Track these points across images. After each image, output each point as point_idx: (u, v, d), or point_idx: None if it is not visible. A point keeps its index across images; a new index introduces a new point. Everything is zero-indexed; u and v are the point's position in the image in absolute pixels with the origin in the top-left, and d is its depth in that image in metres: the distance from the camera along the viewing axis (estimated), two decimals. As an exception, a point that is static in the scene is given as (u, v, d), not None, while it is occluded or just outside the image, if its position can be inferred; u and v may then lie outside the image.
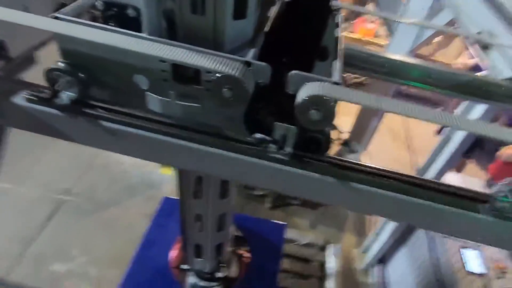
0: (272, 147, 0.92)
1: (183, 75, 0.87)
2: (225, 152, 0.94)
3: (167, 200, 2.53)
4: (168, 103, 0.91)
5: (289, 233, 4.11)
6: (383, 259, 3.94)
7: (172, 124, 0.95)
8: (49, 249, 3.63)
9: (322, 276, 3.85)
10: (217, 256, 2.01)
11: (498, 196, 0.77)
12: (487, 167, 4.65)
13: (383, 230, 3.75)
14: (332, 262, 3.90)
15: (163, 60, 0.82)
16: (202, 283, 2.13)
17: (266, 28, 1.00)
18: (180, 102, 0.90)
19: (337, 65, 0.88)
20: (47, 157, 4.53)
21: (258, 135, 0.92)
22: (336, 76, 0.84)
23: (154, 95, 0.91)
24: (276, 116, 0.91)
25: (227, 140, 0.95)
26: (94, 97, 0.95)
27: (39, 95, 0.91)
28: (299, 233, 4.18)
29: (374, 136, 5.39)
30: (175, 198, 1.99)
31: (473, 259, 2.79)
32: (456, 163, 3.28)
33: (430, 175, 2.98)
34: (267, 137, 0.91)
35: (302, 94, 0.78)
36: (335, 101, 0.78)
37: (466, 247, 2.87)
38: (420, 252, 3.19)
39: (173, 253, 2.22)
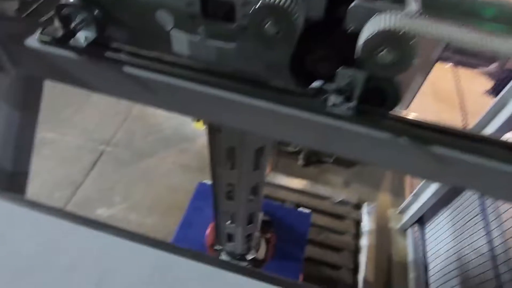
0: (332, 99, 0.73)
1: (214, 9, 0.72)
2: (271, 105, 0.76)
3: (202, 185, 2.69)
4: (196, 44, 0.76)
5: (323, 191, 4.06)
6: (421, 220, 3.82)
7: (205, 70, 0.78)
8: (94, 194, 3.82)
9: (356, 234, 3.82)
10: (247, 242, 2.18)
11: None
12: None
13: (424, 190, 3.59)
14: (367, 220, 3.84)
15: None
16: (233, 262, 2.35)
17: None
18: (211, 43, 0.75)
19: None
20: (88, 107, 4.65)
21: (317, 83, 0.73)
22: (413, 4, 0.63)
23: (180, 33, 0.75)
24: (330, 61, 0.72)
25: (272, 90, 0.77)
26: (114, 39, 0.82)
27: (54, 35, 0.80)
28: (333, 190, 4.11)
29: (416, 96, 5.05)
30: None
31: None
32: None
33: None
34: (329, 86, 0.71)
35: (369, 29, 0.60)
36: (415, 36, 0.59)
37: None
38: (467, 215, 3.03)
39: (208, 234, 2.45)
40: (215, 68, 0.78)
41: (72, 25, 0.76)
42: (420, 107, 5.05)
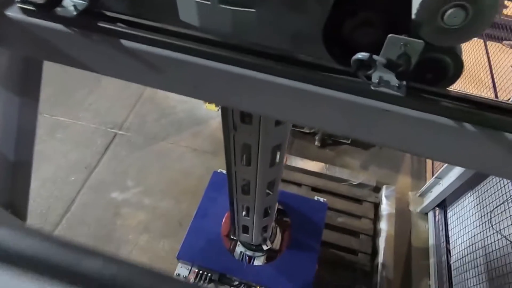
0: (379, 76, 0.57)
1: None
2: (300, 84, 0.61)
3: (217, 175, 2.62)
4: (207, 11, 0.61)
5: (341, 173, 3.93)
6: (443, 204, 3.66)
7: (218, 43, 0.63)
8: (108, 178, 3.81)
9: (375, 217, 3.70)
10: (262, 234, 2.15)
11: None
12: None
13: (448, 172, 3.41)
14: (385, 204, 3.71)
15: None
16: (249, 253, 2.33)
17: None
18: (225, 9, 0.60)
19: None
20: (100, 89, 4.58)
21: (359, 56, 0.54)
22: None
23: None
24: (376, 26, 0.56)
25: (300, 67, 0.61)
26: (109, 7, 0.67)
27: (37, 1, 0.63)
28: (350, 173, 3.97)
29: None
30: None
31: None
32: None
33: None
34: (375, 59, 0.53)
35: None
36: None
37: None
38: (497, 200, 2.85)
39: (224, 223, 2.43)
40: (231, 41, 0.63)
41: None
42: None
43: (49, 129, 4.10)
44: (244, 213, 1.96)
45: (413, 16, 0.48)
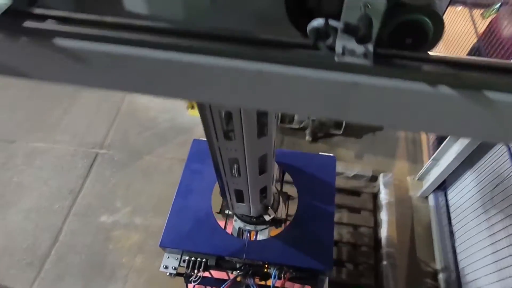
0: (341, 44, 0.51)
1: None
2: (260, 65, 0.53)
3: (197, 143, 2.22)
4: None
5: (335, 166, 3.81)
6: (443, 185, 3.57)
7: (171, 31, 0.55)
8: (94, 201, 3.63)
9: (375, 208, 3.60)
10: (261, 200, 1.72)
11: None
12: None
13: (445, 153, 3.31)
14: (384, 193, 3.60)
15: None
16: (249, 227, 1.91)
17: None
18: None
19: None
20: (75, 107, 4.38)
21: (315, 22, 0.49)
22: None
23: None
24: None
25: (260, 46, 0.54)
26: (42, 5, 0.57)
27: None
28: (345, 165, 3.86)
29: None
30: (205, 141, 1.61)
31: None
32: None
33: None
34: (334, 24, 0.48)
35: None
36: None
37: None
38: (497, 178, 2.76)
39: (214, 197, 1.98)
40: (182, 27, 0.55)
41: None
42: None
43: (26, 157, 3.89)
44: (234, 173, 1.48)
45: None
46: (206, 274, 1.86)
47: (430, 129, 0.65)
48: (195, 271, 1.79)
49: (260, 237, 1.89)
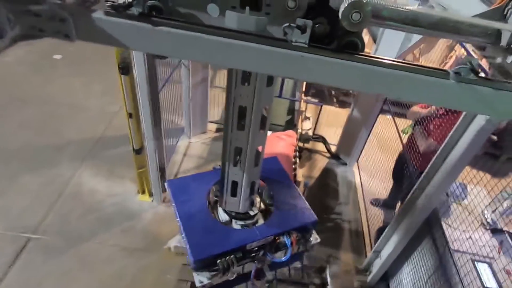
0: (294, 36, 1.06)
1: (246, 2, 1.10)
2: (265, 47, 1.06)
3: (171, 183, 2.54)
4: (242, 18, 1.10)
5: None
6: (385, 276, 3.69)
7: (232, 31, 1.10)
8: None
9: (323, 301, 3.55)
10: (250, 195, 2.26)
11: (460, 67, 1.02)
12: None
13: (384, 245, 3.52)
14: (331, 284, 3.62)
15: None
16: (248, 221, 2.36)
17: None
18: (252, 16, 1.10)
19: None
20: (12, 191, 4.09)
21: (286, 24, 1.07)
22: None
23: (232, 13, 1.10)
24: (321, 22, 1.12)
25: (270, 40, 1.09)
26: (163, 12, 1.12)
27: (116, 6, 1.07)
28: (294, 255, 3.88)
29: (366, 148, 5.22)
30: (177, 178, 2.77)
31: (487, 273, 2.59)
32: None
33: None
34: (292, 26, 1.05)
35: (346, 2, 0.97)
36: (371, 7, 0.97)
37: (478, 261, 2.67)
38: (429, 268, 2.96)
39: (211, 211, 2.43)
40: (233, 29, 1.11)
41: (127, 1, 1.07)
42: (369, 158, 5.23)
43: None
44: (233, 164, 2.09)
45: (340, 17, 0.98)
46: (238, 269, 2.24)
47: (332, 83, 1.14)
48: (231, 269, 2.11)
49: (260, 222, 2.41)
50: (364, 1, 0.95)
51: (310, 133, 5.30)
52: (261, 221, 2.41)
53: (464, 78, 1.02)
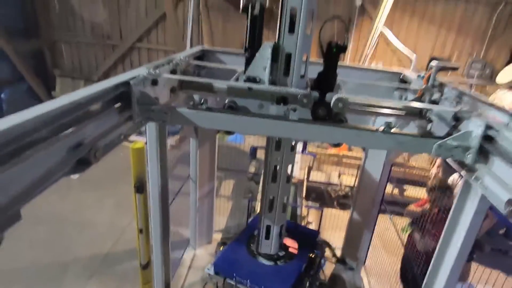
0: (295, 114, 1.99)
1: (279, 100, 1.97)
2: (278, 121, 1.89)
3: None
4: (277, 109, 2.01)
5: None
6: None
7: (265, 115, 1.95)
8: None
9: None
10: (280, 237, 3.09)
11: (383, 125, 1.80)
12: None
13: None
14: None
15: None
16: (268, 263, 3.15)
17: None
18: (282, 107, 2.00)
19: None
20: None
21: (290, 106, 1.99)
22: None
23: (272, 107, 2.01)
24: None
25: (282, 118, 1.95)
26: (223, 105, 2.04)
27: (194, 104, 1.92)
28: None
29: (370, 250, 5.17)
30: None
31: None
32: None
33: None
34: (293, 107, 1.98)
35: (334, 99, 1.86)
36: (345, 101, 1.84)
37: None
38: None
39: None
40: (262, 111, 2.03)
41: (201, 102, 1.90)
42: (376, 260, 5.15)
43: None
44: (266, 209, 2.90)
45: (331, 106, 1.87)
46: None
47: (313, 139, 2.18)
48: None
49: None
50: (343, 97, 1.80)
51: (314, 238, 5.35)
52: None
53: (385, 131, 1.80)
